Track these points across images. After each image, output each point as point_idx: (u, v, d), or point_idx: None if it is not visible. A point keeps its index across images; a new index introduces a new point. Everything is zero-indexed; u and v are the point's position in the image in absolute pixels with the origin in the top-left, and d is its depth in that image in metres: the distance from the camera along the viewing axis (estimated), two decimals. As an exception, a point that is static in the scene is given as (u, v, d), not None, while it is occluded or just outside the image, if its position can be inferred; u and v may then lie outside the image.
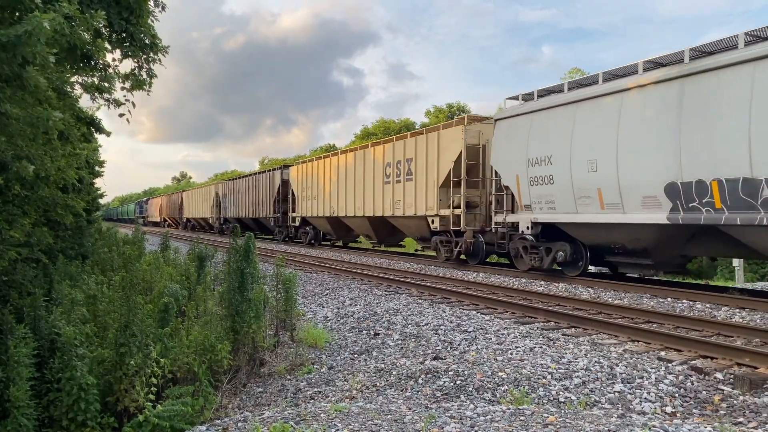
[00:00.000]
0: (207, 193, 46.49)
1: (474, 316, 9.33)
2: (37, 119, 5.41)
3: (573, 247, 13.07)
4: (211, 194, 44.89)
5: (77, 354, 5.90)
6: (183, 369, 7.05)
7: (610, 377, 5.96)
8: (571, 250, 13.05)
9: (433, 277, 14.64)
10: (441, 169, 17.46)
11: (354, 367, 7.24)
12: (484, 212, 16.70)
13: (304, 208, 27.82)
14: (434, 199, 17.64)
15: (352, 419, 4.54)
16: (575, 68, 41.61)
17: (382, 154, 21.15)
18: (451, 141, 17.13)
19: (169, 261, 15.42)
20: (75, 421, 5.68)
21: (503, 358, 6.69)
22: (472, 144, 16.67)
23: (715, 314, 9.25)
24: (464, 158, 16.58)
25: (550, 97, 13.40)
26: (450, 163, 16.95)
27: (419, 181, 18.60)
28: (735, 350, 6.64)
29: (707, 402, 5.41)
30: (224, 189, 41.39)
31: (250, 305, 7.89)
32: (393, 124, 54.91)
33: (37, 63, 4.58)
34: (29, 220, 8.37)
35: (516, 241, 14.52)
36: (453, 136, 17.08)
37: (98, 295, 9.00)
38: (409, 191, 19.22)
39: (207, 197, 46.01)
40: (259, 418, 4.93)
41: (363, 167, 22.40)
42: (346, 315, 10.28)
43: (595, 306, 9.84)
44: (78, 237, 14.12)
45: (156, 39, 7.36)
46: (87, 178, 14.25)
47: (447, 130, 17.61)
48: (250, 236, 8.50)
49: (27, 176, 5.93)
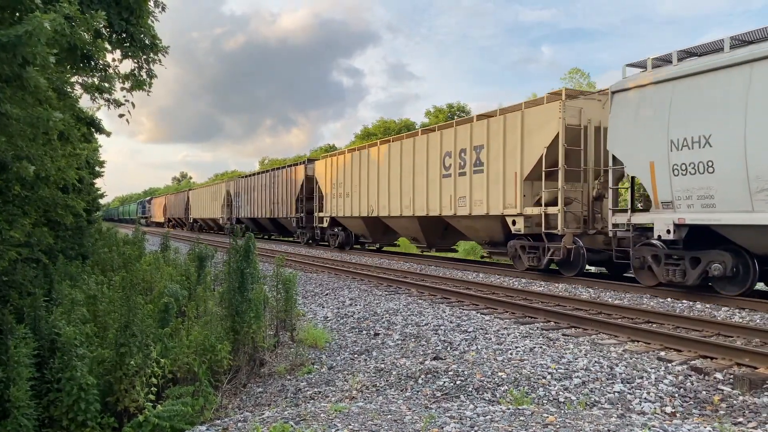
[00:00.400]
0: (217, 192, 43.00)
1: (474, 316, 9.34)
2: (38, 119, 5.42)
3: (736, 259, 9.97)
4: (221, 193, 41.56)
5: (77, 354, 5.90)
6: (183, 369, 7.05)
7: (609, 377, 5.97)
8: (733, 263, 9.93)
9: (433, 277, 14.63)
10: (526, 158, 14.11)
11: (354, 367, 7.25)
12: (584, 211, 13.50)
13: (334, 206, 24.42)
14: (516, 195, 14.36)
15: (352, 419, 4.55)
16: (575, 68, 41.61)
17: (439, 142, 17.56)
18: (543, 122, 13.66)
19: (169, 261, 15.43)
20: (75, 421, 5.68)
21: (503, 358, 6.69)
22: (572, 125, 13.16)
23: (715, 314, 9.25)
24: (562, 142, 13.02)
25: (704, 59, 10.18)
26: (541, 149, 13.58)
27: (493, 172, 15.18)
28: (735, 350, 6.65)
29: (707, 402, 5.41)
30: (237, 187, 38.07)
31: (250, 305, 7.89)
32: (393, 124, 54.92)
33: (38, 63, 4.59)
34: (29, 220, 8.38)
35: (642, 248, 11.33)
36: (546, 116, 13.59)
37: (98, 295, 9.01)
38: (477, 186, 15.74)
39: (217, 196, 42.64)
40: (259, 418, 4.94)
41: (412, 158, 18.80)
42: (346, 315, 10.29)
43: (595, 306, 9.84)
44: (78, 237, 14.13)
45: (156, 39, 7.37)
46: (87, 178, 14.26)
47: (535, 109, 14.11)
48: (250, 236, 8.50)
49: (27, 176, 5.94)
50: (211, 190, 45.68)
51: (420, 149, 18.48)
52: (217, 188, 43.52)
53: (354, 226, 23.85)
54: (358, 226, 23.44)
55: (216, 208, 42.93)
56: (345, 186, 23.54)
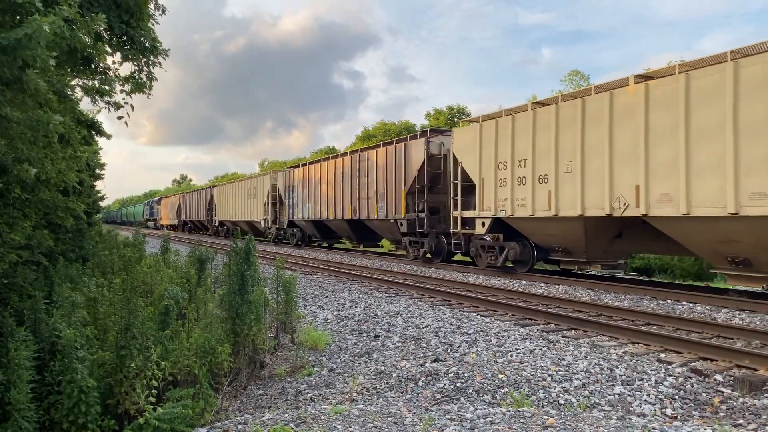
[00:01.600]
0: (257, 187, 34.59)
1: (474, 318, 9.34)
2: (38, 122, 5.42)
3: None
4: (263, 188, 33.34)
5: (78, 356, 5.90)
6: (183, 371, 7.05)
7: (610, 379, 5.97)
8: None
9: (433, 279, 14.63)
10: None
11: (354, 369, 7.24)
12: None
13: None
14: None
15: (352, 421, 4.55)
16: (575, 70, 41.64)
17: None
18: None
19: (169, 263, 15.42)
20: (75, 423, 5.67)
21: (503, 361, 6.69)
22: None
23: (715, 316, 9.25)
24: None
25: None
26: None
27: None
28: (735, 352, 6.65)
29: (707, 404, 5.41)
30: (290, 180, 29.92)
31: (250, 308, 7.89)
32: (393, 126, 54.95)
33: (38, 66, 4.59)
34: (30, 222, 8.38)
35: None
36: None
37: (99, 297, 9.00)
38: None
39: (256, 192, 34.42)
40: (259, 420, 4.94)
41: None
42: (347, 317, 10.29)
43: (596, 308, 9.84)
44: (78, 239, 14.12)
45: (156, 42, 7.37)
46: (87, 180, 14.27)
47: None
48: (250, 239, 8.50)
49: (27, 179, 5.94)
50: (247, 185, 36.75)
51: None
52: (258, 182, 34.94)
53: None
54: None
55: (255, 208, 34.78)
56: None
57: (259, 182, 34.51)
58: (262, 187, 33.63)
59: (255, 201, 34.83)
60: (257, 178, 36.05)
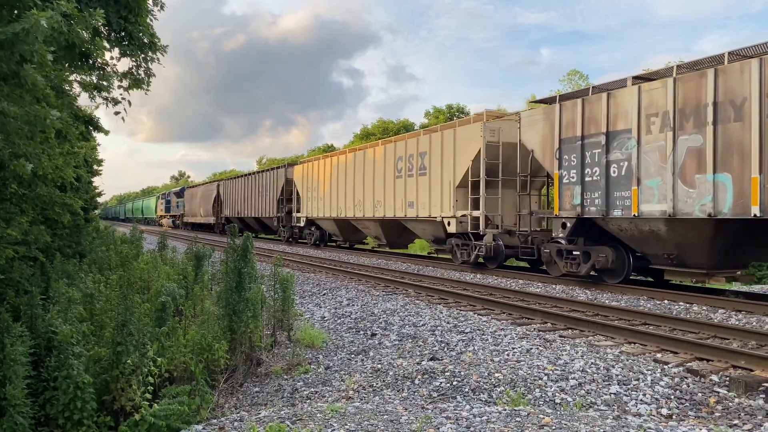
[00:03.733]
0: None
1: (471, 317, 9.34)
2: (35, 118, 5.41)
3: None
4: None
5: (74, 353, 5.89)
6: (180, 368, 7.04)
7: (606, 379, 5.97)
8: None
9: (430, 277, 14.64)
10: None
11: (351, 367, 7.24)
12: None
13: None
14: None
15: (349, 419, 4.54)
16: (573, 70, 41.65)
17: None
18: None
19: (166, 260, 15.41)
20: (71, 419, 5.66)
21: (500, 359, 6.70)
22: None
23: (712, 317, 9.27)
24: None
25: None
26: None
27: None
28: (731, 353, 6.66)
29: (703, 404, 5.43)
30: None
31: (247, 305, 7.88)
32: (392, 125, 54.88)
33: (35, 61, 4.57)
34: (26, 218, 8.36)
35: None
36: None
37: (95, 293, 8.98)
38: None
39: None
40: (255, 417, 4.93)
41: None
42: (344, 315, 10.29)
43: (592, 308, 9.85)
44: (75, 236, 14.10)
45: (155, 38, 7.36)
46: (85, 176, 14.24)
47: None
48: (248, 236, 8.49)
49: (24, 175, 5.92)
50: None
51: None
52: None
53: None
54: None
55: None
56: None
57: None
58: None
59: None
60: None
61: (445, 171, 17.09)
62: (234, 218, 37.02)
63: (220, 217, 40.95)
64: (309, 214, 26.77)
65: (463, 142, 16.46)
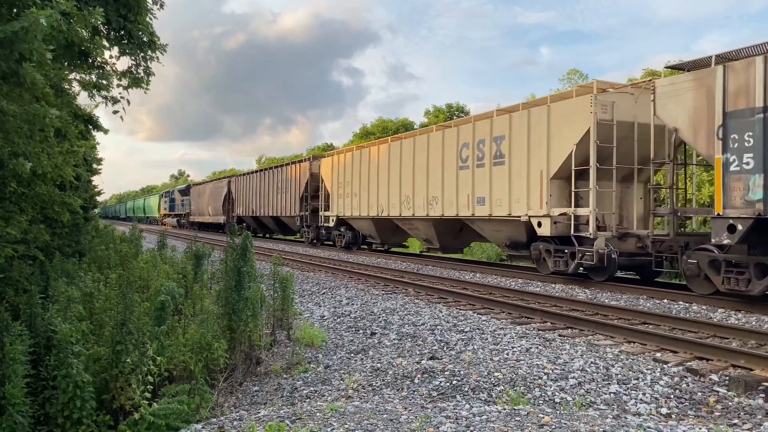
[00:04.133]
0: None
1: (471, 316, 9.34)
2: (34, 116, 5.41)
3: None
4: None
5: (73, 351, 5.88)
6: (179, 367, 7.04)
7: (605, 378, 5.97)
8: None
9: (430, 277, 14.64)
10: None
11: (350, 366, 7.24)
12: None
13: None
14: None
15: (348, 419, 4.54)
16: (573, 69, 41.64)
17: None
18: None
19: (166, 259, 15.40)
20: (70, 418, 5.66)
21: (499, 359, 6.69)
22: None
23: (711, 316, 9.27)
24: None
25: None
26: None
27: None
28: (730, 352, 6.66)
29: (702, 403, 5.43)
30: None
31: (246, 304, 7.88)
32: (390, 124, 54.85)
33: (34, 60, 4.57)
34: (26, 217, 8.35)
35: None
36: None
37: (95, 292, 8.98)
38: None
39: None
40: (254, 417, 4.93)
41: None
42: (343, 314, 10.28)
43: (592, 307, 9.85)
44: (75, 234, 14.08)
45: (154, 37, 7.35)
46: (84, 175, 14.22)
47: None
48: (247, 235, 8.49)
49: (23, 173, 5.92)
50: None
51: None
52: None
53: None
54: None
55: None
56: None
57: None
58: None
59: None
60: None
61: (534, 159, 13.70)
62: (247, 217, 34.28)
63: (231, 216, 37.88)
64: (340, 213, 23.53)
65: (561, 121, 13.11)
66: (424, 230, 18.92)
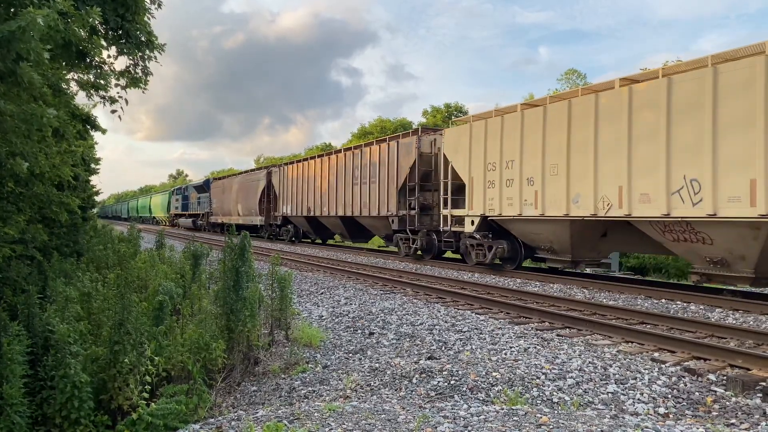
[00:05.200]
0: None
1: (469, 316, 9.34)
2: (32, 116, 5.40)
3: None
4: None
5: (71, 352, 5.88)
6: (177, 367, 7.03)
7: (603, 378, 5.98)
8: None
9: (428, 276, 14.64)
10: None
11: (348, 366, 7.24)
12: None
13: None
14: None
15: (346, 418, 4.54)
16: (572, 69, 41.69)
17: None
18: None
19: (164, 259, 15.39)
20: (68, 419, 5.66)
21: (497, 359, 6.70)
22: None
23: (709, 316, 9.29)
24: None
25: None
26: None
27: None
28: (728, 352, 6.67)
29: (700, 403, 5.43)
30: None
31: (245, 304, 7.87)
32: (389, 123, 54.92)
33: (32, 59, 4.56)
34: (24, 217, 8.35)
35: None
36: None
37: (93, 292, 8.97)
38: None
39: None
40: (252, 416, 4.93)
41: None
42: (341, 314, 10.28)
43: (590, 307, 9.86)
44: (73, 234, 14.07)
45: (152, 36, 7.33)
46: (82, 175, 14.21)
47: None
48: (245, 235, 8.48)
49: (21, 173, 5.91)
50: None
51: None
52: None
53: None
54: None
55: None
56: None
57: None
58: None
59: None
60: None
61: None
62: (298, 218, 27.70)
63: (272, 216, 31.17)
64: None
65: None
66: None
